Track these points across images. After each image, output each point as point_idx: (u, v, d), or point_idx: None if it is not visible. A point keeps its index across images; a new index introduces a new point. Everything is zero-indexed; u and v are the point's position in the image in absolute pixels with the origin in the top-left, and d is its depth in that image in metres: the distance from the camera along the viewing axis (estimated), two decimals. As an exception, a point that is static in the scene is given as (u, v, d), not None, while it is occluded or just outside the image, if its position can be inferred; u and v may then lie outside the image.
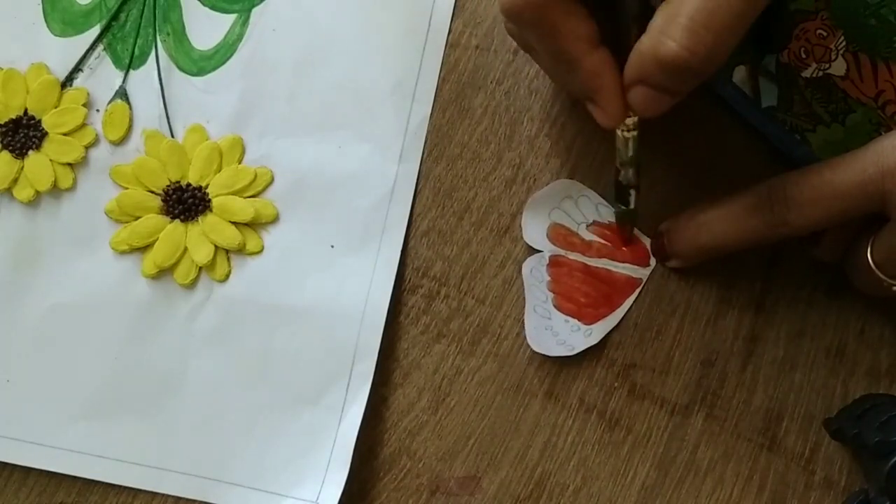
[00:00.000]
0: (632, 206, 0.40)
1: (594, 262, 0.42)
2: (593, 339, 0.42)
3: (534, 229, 0.42)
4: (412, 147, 0.43)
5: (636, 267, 0.42)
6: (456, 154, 0.43)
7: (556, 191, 0.42)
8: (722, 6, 0.32)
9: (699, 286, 0.42)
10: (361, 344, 0.42)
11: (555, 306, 0.42)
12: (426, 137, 0.43)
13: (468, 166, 0.43)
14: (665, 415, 0.42)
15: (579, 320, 0.42)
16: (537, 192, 0.42)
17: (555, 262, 0.42)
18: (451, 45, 0.43)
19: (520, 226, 0.42)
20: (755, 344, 0.42)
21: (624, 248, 0.42)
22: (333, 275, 0.42)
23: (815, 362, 0.42)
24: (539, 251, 0.42)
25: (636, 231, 0.42)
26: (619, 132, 0.37)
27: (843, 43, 0.41)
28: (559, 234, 0.42)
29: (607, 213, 0.42)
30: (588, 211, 0.42)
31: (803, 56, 0.41)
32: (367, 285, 0.42)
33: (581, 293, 0.42)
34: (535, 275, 0.42)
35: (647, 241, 0.42)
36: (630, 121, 0.37)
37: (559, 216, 0.42)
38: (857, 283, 0.39)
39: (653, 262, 0.42)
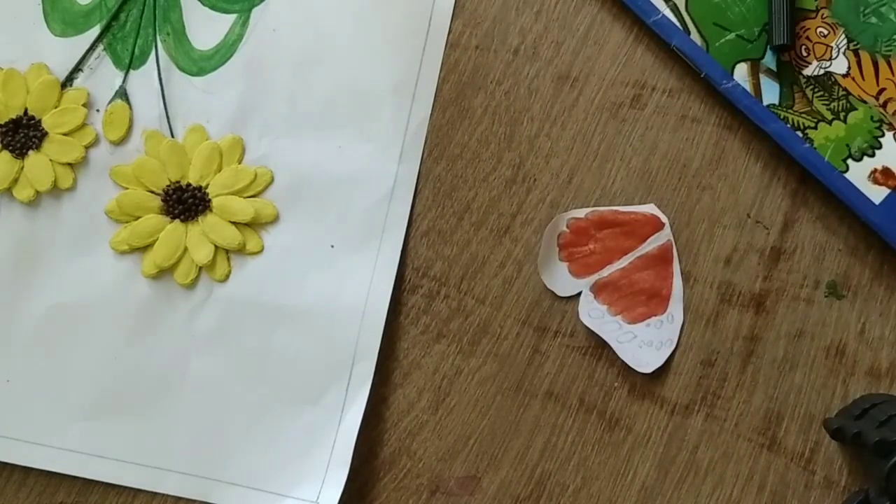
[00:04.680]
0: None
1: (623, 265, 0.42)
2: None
3: (563, 280, 0.42)
4: (412, 147, 0.43)
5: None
6: (456, 154, 0.43)
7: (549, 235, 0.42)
8: None
9: (699, 286, 0.42)
10: (361, 344, 0.42)
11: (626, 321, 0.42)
12: (426, 137, 0.43)
13: (468, 166, 0.43)
14: (665, 415, 0.42)
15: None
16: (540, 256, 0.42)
17: (601, 287, 0.42)
18: (451, 45, 0.43)
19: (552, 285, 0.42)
20: (755, 344, 0.42)
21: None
22: (333, 275, 0.42)
23: (815, 362, 0.42)
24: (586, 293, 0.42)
25: None
26: None
27: (844, 41, 0.41)
28: (585, 265, 0.42)
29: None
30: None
31: (804, 54, 0.41)
32: (367, 285, 0.42)
33: (634, 296, 0.42)
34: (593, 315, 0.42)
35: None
36: None
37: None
38: None
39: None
